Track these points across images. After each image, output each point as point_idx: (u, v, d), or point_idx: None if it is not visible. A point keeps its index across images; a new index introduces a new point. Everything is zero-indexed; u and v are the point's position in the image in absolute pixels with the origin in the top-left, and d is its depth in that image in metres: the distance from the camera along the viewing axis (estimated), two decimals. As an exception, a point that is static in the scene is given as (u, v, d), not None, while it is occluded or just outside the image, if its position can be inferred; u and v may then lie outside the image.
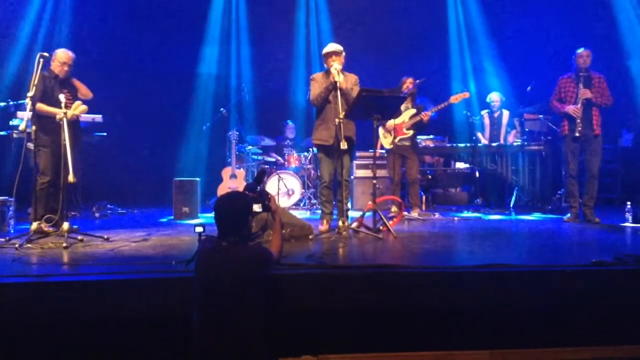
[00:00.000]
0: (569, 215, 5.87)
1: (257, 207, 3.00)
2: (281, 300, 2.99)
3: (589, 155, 5.74)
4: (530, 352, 3.11)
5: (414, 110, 6.40)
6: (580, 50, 5.71)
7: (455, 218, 6.37)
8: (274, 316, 2.87)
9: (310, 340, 3.04)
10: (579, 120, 5.62)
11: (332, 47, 5.00)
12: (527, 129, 7.31)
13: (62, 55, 4.92)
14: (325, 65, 5.03)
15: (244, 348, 2.50)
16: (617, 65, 7.77)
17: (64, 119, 4.34)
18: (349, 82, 4.92)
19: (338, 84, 4.72)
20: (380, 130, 6.50)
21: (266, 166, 3.32)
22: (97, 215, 6.53)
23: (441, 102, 6.42)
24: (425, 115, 6.32)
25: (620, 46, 8.14)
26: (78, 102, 4.81)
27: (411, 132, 6.42)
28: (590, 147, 5.71)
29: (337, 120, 4.67)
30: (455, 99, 6.37)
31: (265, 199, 3.10)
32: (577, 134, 5.64)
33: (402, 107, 6.34)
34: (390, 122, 6.37)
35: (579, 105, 5.62)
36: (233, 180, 7.01)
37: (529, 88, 7.40)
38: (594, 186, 5.75)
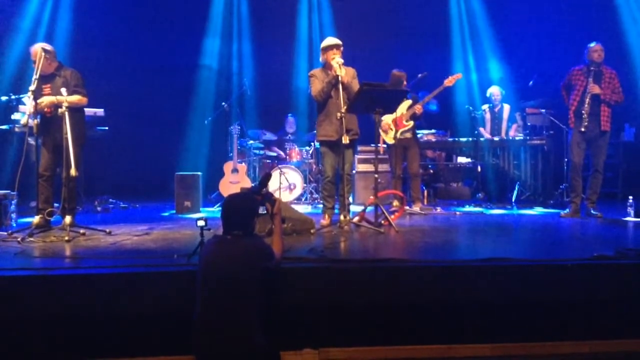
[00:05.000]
0: (567, 210, 5.86)
1: (261, 209, 3.09)
2: (282, 293, 3.00)
3: (594, 151, 5.72)
4: (531, 345, 3.11)
5: (410, 102, 6.40)
6: (593, 45, 5.63)
7: (457, 212, 6.36)
8: (275, 310, 2.88)
9: (311, 333, 3.05)
10: (585, 115, 5.58)
11: (332, 40, 4.98)
12: (529, 124, 7.29)
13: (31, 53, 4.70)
14: (322, 59, 5.00)
15: (245, 340, 2.52)
16: (620, 59, 7.72)
17: (65, 112, 4.33)
18: (348, 75, 4.90)
19: (340, 78, 4.71)
20: (380, 131, 6.51)
21: (270, 172, 3.39)
22: (99, 209, 6.55)
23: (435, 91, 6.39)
24: (419, 109, 6.33)
25: (623, 40, 8.10)
26: (46, 97, 4.59)
27: (411, 123, 6.44)
28: (596, 142, 5.68)
29: (338, 114, 4.66)
30: (448, 81, 6.33)
31: (269, 201, 3.15)
32: (583, 129, 5.61)
33: None
34: (387, 120, 6.37)
35: (587, 100, 5.59)
36: (235, 175, 7.01)
37: (531, 82, 7.38)
38: (598, 181, 5.73)
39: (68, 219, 4.32)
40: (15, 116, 6.09)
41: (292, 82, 8.97)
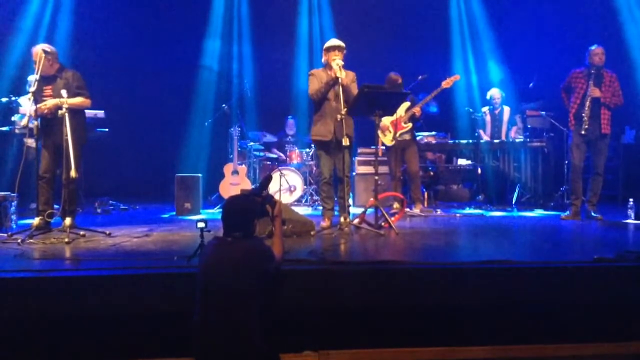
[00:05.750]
0: (567, 212, 5.86)
1: None
2: (282, 295, 3.00)
3: (594, 154, 5.72)
4: (531, 348, 3.11)
5: (408, 103, 6.41)
6: (594, 48, 5.63)
7: (457, 214, 6.36)
8: (275, 312, 2.87)
9: (311, 336, 3.05)
10: (586, 118, 5.57)
11: (336, 41, 4.98)
12: (529, 126, 7.30)
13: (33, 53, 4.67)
14: (324, 59, 5.00)
15: (245, 342, 2.51)
16: (620, 61, 7.73)
17: (66, 114, 4.32)
18: (347, 78, 4.90)
19: (340, 80, 4.71)
20: (378, 131, 6.51)
21: (271, 175, 3.39)
22: (99, 210, 6.54)
23: (433, 93, 6.38)
24: (417, 110, 6.33)
25: (623, 42, 8.10)
26: (50, 100, 4.57)
27: (410, 124, 6.45)
28: (596, 145, 5.68)
29: (338, 116, 4.66)
30: (446, 83, 6.34)
31: (269, 203, 3.13)
32: (583, 132, 5.60)
33: None
34: (385, 122, 6.38)
35: (587, 103, 5.58)
36: (235, 177, 7.00)
37: (531, 84, 7.38)
38: (599, 184, 5.73)
39: (68, 220, 4.31)
40: (15, 117, 6.09)
41: (292, 83, 8.97)
